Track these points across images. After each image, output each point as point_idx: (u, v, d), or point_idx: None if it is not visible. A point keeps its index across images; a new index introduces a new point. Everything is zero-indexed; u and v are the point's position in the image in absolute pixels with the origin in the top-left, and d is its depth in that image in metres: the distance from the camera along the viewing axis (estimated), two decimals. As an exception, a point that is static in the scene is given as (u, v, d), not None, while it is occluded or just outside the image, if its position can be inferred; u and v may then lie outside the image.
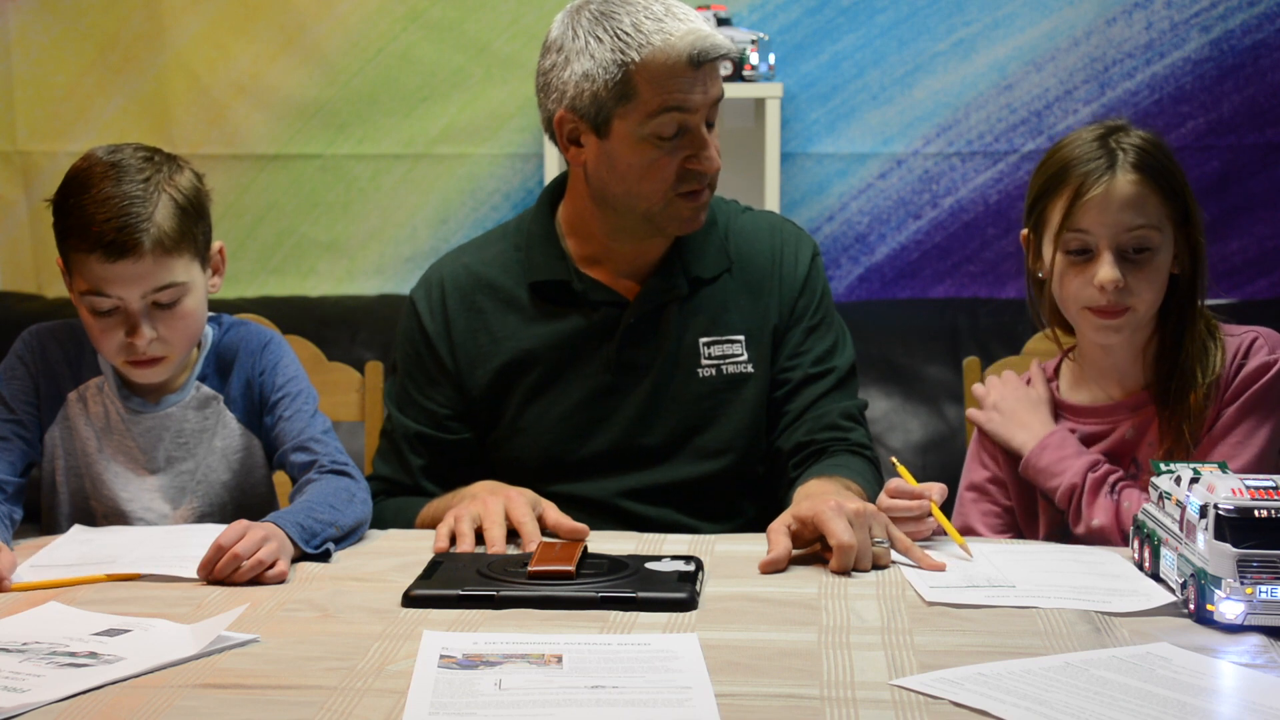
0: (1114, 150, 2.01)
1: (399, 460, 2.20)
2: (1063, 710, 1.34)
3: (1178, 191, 2.03)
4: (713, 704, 1.36)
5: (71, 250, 1.98)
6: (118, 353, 2.02)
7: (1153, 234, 2.00)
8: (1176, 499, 1.68)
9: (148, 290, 1.98)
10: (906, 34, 3.67)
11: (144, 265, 1.95)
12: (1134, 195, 2.00)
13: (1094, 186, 2.00)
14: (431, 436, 2.18)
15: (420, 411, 2.19)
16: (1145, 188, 2.00)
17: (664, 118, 2.02)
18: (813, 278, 2.22)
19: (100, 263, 1.95)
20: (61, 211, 1.99)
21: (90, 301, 1.99)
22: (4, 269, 3.93)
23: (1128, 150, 2.01)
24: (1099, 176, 2.00)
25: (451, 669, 1.44)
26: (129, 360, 2.02)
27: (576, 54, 2.03)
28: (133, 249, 1.94)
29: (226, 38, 3.75)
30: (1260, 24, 3.60)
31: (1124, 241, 2.00)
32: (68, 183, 2.00)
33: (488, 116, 3.76)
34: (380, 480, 2.21)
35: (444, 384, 2.18)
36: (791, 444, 2.15)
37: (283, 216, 3.84)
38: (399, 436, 2.20)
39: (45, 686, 1.41)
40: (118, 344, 2.00)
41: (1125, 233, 2.00)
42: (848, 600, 1.68)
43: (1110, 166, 2.00)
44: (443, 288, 2.20)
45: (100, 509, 2.09)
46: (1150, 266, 2.01)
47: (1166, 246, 2.02)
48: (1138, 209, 2.00)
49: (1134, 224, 2.00)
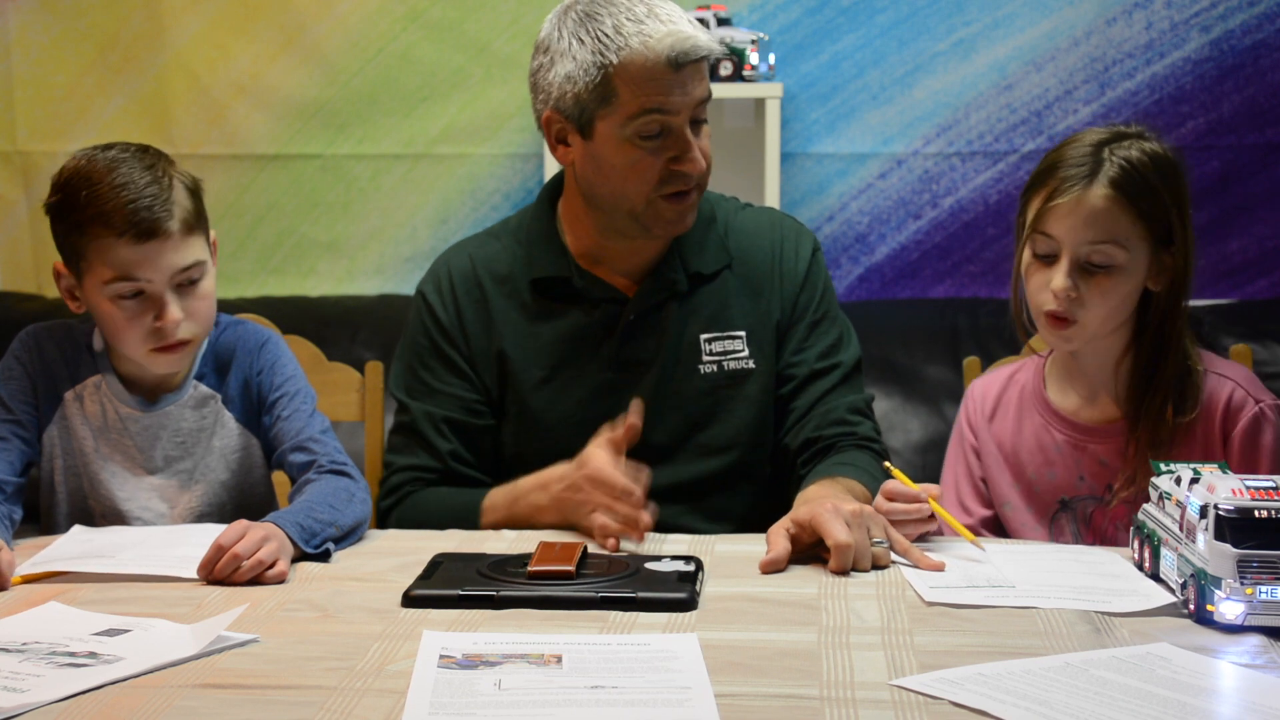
0: (1101, 160, 1.98)
1: (425, 447, 2.16)
2: (1063, 710, 1.34)
3: (1158, 213, 1.98)
4: (712, 704, 1.36)
5: (93, 240, 1.97)
6: (145, 340, 2.01)
7: (1116, 251, 1.97)
8: (1176, 499, 1.68)
9: (175, 270, 1.98)
10: (906, 34, 3.67)
11: (171, 244, 1.97)
12: (1102, 210, 1.97)
13: (1067, 193, 1.98)
14: (461, 421, 2.16)
15: (445, 398, 2.17)
16: (1117, 205, 1.97)
17: (645, 119, 2.02)
18: (813, 272, 2.22)
19: (130, 245, 1.95)
20: (72, 207, 1.98)
21: (117, 289, 1.98)
22: (4, 269, 3.93)
23: (1113, 163, 1.98)
24: (1074, 185, 1.98)
25: (451, 669, 1.44)
26: (157, 348, 2.01)
27: (560, 55, 2.04)
28: (161, 228, 1.95)
29: (226, 38, 3.75)
30: (1260, 24, 3.60)
31: (1084, 254, 1.98)
32: (70, 181, 2.00)
33: (488, 116, 3.76)
34: (405, 471, 2.17)
35: (466, 371, 2.17)
36: (799, 441, 2.15)
37: (283, 216, 3.83)
38: (423, 424, 2.16)
39: (45, 686, 1.41)
40: (145, 331, 2.00)
41: (1086, 245, 1.98)
42: (847, 600, 1.68)
43: (1089, 176, 1.98)
44: (451, 279, 2.20)
45: (98, 508, 2.09)
46: (1108, 283, 1.98)
47: (1134, 266, 1.99)
48: (1103, 225, 1.97)
49: (1096, 238, 1.97)
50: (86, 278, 2.00)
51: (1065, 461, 2.09)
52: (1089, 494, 2.07)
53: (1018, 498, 2.12)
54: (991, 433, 2.15)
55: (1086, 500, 2.07)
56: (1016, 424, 2.14)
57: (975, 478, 2.17)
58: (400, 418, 2.21)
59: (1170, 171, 2.01)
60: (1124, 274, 1.99)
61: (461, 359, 2.17)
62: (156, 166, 2.00)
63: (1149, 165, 1.99)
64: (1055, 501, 2.10)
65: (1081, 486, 2.07)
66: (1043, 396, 2.13)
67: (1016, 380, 2.18)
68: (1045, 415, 2.12)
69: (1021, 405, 2.14)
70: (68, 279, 2.04)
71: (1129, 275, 1.99)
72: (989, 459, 2.15)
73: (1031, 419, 2.12)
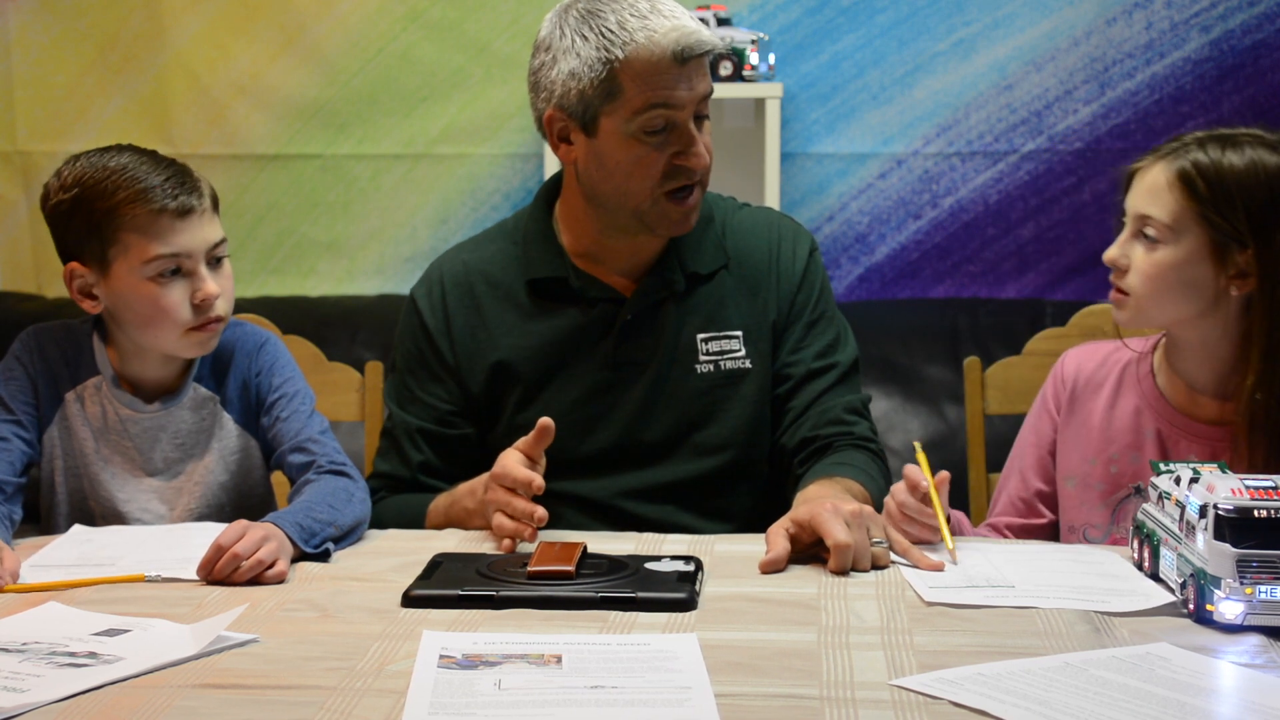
0: (1187, 146, 2.00)
1: (399, 456, 2.20)
2: (1062, 710, 1.34)
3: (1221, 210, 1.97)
4: (712, 704, 1.36)
5: (129, 221, 1.98)
6: (184, 322, 2.03)
7: (1163, 230, 1.99)
8: (1176, 499, 1.68)
9: (211, 244, 2.04)
10: (906, 34, 3.67)
11: (206, 219, 2.04)
12: (1157, 186, 2.00)
13: (1139, 163, 2.04)
14: (433, 431, 2.18)
15: (422, 407, 2.19)
16: (1173, 189, 1.99)
17: (650, 114, 2.02)
18: (811, 272, 2.22)
19: (171, 220, 1.99)
20: (100, 194, 1.99)
21: (158, 267, 2.00)
22: (4, 269, 3.92)
23: (1190, 152, 1.99)
24: (1147, 158, 2.03)
25: (451, 669, 1.44)
26: (195, 326, 2.03)
27: (563, 53, 2.04)
28: (197, 204, 2.02)
29: (226, 38, 3.75)
30: (1260, 24, 3.60)
31: (1137, 225, 2.02)
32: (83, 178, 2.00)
33: (488, 116, 3.76)
34: (379, 478, 2.21)
35: (446, 379, 2.18)
36: (796, 441, 2.15)
37: (283, 216, 3.83)
38: (400, 433, 2.20)
39: (45, 686, 1.41)
40: (186, 312, 2.02)
41: (1138, 216, 2.02)
42: (847, 600, 1.68)
43: (1165, 156, 2.01)
44: (443, 284, 2.21)
45: (98, 509, 2.09)
46: (1154, 256, 2.00)
47: (1184, 250, 1.99)
48: (1153, 200, 2.00)
49: (1145, 211, 2.01)
50: (118, 264, 2.00)
51: (1153, 448, 2.07)
52: None
53: (1088, 474, 2.10)
54: (1084, 403, 2.14)
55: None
56: (1112, 398, 2.12)
57: (1043, 449, 2.17)
58: (385, 422, 2.25)
59: (1249, 186, 1.98)
60: (1170, 252, 1.99)
61: (445, 366, 2.18)
62: (159, 155, 2.05)
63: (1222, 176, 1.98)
64: (1130, 486, 2.08)
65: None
66: (1151, 379, 2.12)
67: (1117, 358, 2.15)
68: (1149, 397, 2.10)
69: (1122, 382, 2.12)
70: (85, 277, 2.03)
71: (1175, 255, 1.99)
72: (1071, 429, 2.13)
73: (1130, 398, 2.11)
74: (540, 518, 1.88)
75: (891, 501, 1.87)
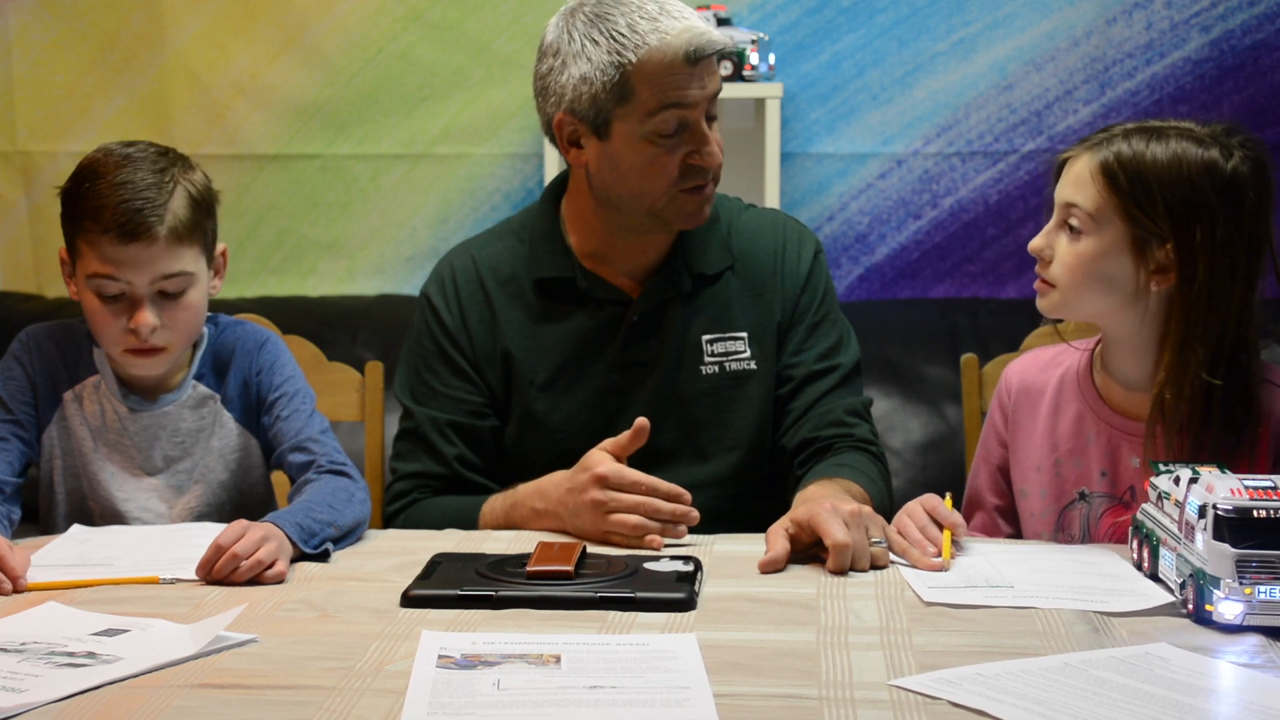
0: (1113, 138, 1.98)
1: (430, 453, 2.16)
2: (1061, 710, 1.34)
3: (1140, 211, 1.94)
4: (711, 704, 1.36)
5: (83, 233, 1.99)
6: (119, 340, 2.02)
7: (1085, 220, 1.97)
8: (1175, 499, 1.68)
9: (156, 276, 1.99)
10: (906, 34, 3.66)
11: (156, 250, 1.97)
12: (1081, 177, 1.97)
13: (1071, 153, 2.01)
14: (464, 424, 2.16)
15: (449, 401, 2.17)
16: (1096, 180, 1.96)
17: (663, 115, 2.03)
18: (815, 274, 2.22)
19: (113, 244, 1.96)
20: (74, 196, 2.00)
21: (98, 285, 1.99)
22: (4, 269, 3.92)
23: (1109, 147, 1.97)
24: (1077, 148, 2.01)
25: (450, 669, 1.44)
26: (129, 349, 2.02)
27: (573, 57, 2.04)
28: (146, 232, 1.97)
29: (226, 38, 3.75)
30: (1260, 24, 3.60)
31: (1065, 214, 1.99)
32: (81, 171, 2.03)
33: (488, 116, 3.76)
34: (409, 479, 2.17)
35: (469, 373, 2.17)
36: (796, 441, 2.15)
37: (283, 216, 3.83)
38: (428, 429, 2.16)
39: (43, 686, 1.41)
40: (119, 330, 2.00)
41: (1064, 204, 1.99)
42: (846, 600, 1.68)
43: (1092, 146, 1.99)
44: (455, 281, 2.20)
45: (97, 509, 2.09)
46: (1074, 248, 1.98)
47: (1104, 244, 1.96)
48: (1078, 190, 1.98)
49: (1070, 199, 1.98)
50: (77, 266, 2.03)
51: (1096, 452, 2.07)
52: (1108, 491, 2.05)
53: (1037, 484, 2.10)
54: (1028, 413, 2.12)
55: (1102, 498, 2.06)
56: (1054, 404, 2.11)
57: (994, 466, 2.16)
58: (405, 423, 2.21)
59: (1172, 181, 1.95)
60: (1091, 243, 1.97)
61: (466, 361, 2.17)
62: (166, 171, 2.02)
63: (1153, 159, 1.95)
64: (1074, 492, 2.08)
65: (1102, 483, 2.06)
66: (1090, 381, 2.10)
67: (1058, 362, 2.14)
68: (1089, 400, 2.08)
69: (1063, 387, 2.11)
70: (67, 265, 2.06)
71: (1097, 247, 1.97)
72: (1019, 441, 2.12)
73: (1072, 402, 2.09)
74: (695, 518, 1.92)
75: (906, 517, 1.87)
